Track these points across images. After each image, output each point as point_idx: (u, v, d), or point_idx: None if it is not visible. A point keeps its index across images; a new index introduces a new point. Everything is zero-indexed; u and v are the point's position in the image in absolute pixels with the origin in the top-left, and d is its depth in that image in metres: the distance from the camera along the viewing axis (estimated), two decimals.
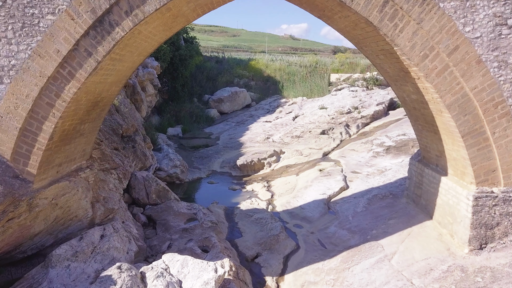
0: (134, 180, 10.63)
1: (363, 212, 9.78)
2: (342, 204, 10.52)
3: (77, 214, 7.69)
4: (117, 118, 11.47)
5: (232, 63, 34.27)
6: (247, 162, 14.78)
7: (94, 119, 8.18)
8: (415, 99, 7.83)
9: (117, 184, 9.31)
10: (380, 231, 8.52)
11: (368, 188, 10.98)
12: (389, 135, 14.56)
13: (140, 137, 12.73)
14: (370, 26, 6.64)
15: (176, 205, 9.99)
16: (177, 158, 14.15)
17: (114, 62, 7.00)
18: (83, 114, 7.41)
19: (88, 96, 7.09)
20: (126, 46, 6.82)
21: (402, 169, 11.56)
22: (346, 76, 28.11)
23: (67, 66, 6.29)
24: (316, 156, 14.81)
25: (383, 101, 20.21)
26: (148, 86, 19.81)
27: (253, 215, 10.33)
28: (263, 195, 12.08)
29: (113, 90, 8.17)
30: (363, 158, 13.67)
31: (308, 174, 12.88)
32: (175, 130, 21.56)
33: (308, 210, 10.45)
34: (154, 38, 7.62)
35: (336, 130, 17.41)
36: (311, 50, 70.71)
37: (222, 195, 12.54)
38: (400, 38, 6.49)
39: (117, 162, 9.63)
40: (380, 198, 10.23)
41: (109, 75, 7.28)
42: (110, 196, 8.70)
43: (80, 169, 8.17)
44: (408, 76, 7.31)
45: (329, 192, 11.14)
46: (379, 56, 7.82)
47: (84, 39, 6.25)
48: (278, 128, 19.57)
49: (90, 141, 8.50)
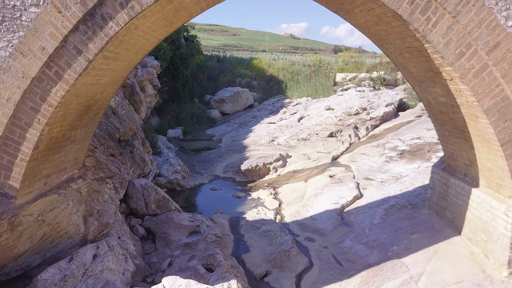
0: (132, 188, 9.85)
1: (381, 224, 9.00)
2: (356, 215, 9.74)
3: (67, 231, 6.92)
4: (114, 122, 10.68)
5: (233, 62, 33.47)
6: (251, 167, 13.99)
7: (87, 124, 7.40)
8: (444, 102, 7.04)
9: (113, 195, 8.53)
10: (402, 247, 7.75)
11: (384, 197, 10.20)
12: (403, 139, 13.77)
13: (138, 141, 11.94)
14: (397, 20, 5.86)
15: (177, 217, 9.22)
16: (178, 163, 13.37)
17: (108, 61, 6.22)
18: (74, 119, 6.63)
19: (79, 100, 6.31)
20: (122, 43, 6.04)
21: (420, 176, 10.78)
22: (351, 76, 27.30)
23: (53, 65, 5.52)
24: (324, 161, 14.03)
25: (392, 102, 19.41)
26: (148, 86, 19.04)
27: (260, 227, 9.56)
28: (270, 203, 11.29)
29: (108, 92, 7.39)
30: (376, 163, 12.89)
31: (318, 181, 12.09)
32: (175, 131, 20.79)
33: (320, 221, 9.67)
34: (153, 34, 6.84)
35: (345, 132, 16.62)
36: (311, 49, 70.08)
37: (226, 203, 11.77)
38: (433, 34, 5.70)
39: (113, 170, 8.85)
40: (398, 208, 9.45)
41: (103, 75, 6.50)
42: (105, 208, 7.93)
43: (71, 180, 7.39)
44: (437, 77, 6.53)
45: (341, 201, 10.36)
46: (403, 55, 7.03)
47: (73, 35, 5.47)
48: (283, 130, 18.77)
49: (82, 148, 7.72)
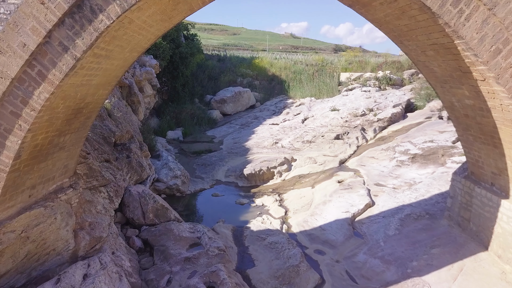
0: (129, 196, 9.19)
1: (397, 236, 8.35)
2: (369, 225, 9.09)
3: (55, 247, 6.27)
4: (109, 124, 10.02)
5: (235, 61, 32.79)
6: (255, 171, 13.33)
7: (78, 129, 6.75)
8: (471, 105, 6.38)
9: (107, 205, 7.87)
10: (422, 263, 7.09)
11: (398, 205, 9.55)
12: (414, 142, 13.11)
13: (136, 145, 11.29)
14: (424, 13, 5.20)
15: (176, 228, 8.56)
16: (178, 167, 12.71)
17: (100, 60, 5.56)
18: (62, 124, 5.98)
19: (67, 102, 5.65)
20: (114, 39, 5.38)
21: (436, 182, 10.12)
22: (356, 75, 26.61)
23: (36, 64, 4.87)
24: (332, 165, 13.36)
25: (400, 103, 18.74)
26: (146, 86, 18.38)
27: (266, 238, 8.90)
28: (275, 211, 10.64)
29: (100, 94, 6.73)
30: (386, 168, 12.23)
31: (326, 187, 11.44)
32: (175, 133, 20.14)
33: (330, 232, 9.02)
34: (150, 30, 6.18)
35: (352, 134, 15.95)
36: (312, 49, 69.51)
37: (228, 211, 11.11)
38: (466, 29, 5.04)
39: (108, 177, 8.19)
40: (414, 218, 8.80)
41: (94, 75, 5.84)
42: (98, 220, 7.27)
43: (60, 190, 6.74)
44: (466, 77, 5.87)
45: (352, 209, 9.70)
46: (426, 53, 6.37)
47: (58, 29, 4.82)
48: (287, 131, 18.11)
49: (73, 155, 7.06)
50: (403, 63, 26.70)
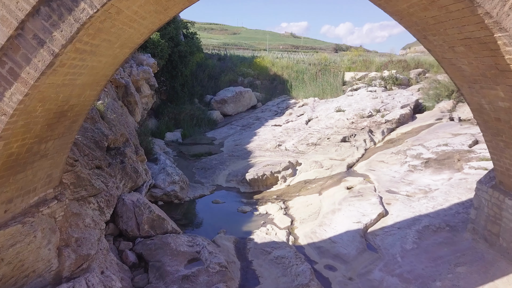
0: (122, 206, 8.47)
1: (415, 250, 7.62)
2: (383, 237, 8.37)
3: (35, 269, 5.55)
4: (102, 127, 9.30)
5: (235, 60, 32.04)
6: (258, 176, 12.60)
7: (62, 134, 6.02)
8: (505, 108, 5.66)
9: (97, 217, 7.14)
10: (447, 284, 6.37)
11: (414, 215, 8.83)
12: (427, 145, 12.38)
13: (131, 149, 10.56)
14: (460, 2, 4.47)
15: (174, 241, 7.83)
16: (176, 172, 11.98)
17: (84, 56, 4.83)
18: (42, 130, 5.26)
19: (47, 105, 4.93)
20: (100, 32, 4.65)
21: (454, 190, 9.40)
22: (361, 75, 25.87)
23: (7, 61, 4.16)
24: (339, 169, 12.64)
25: (408, 103, 18.02)
26: (144, 86, 17.64)
27: (271, 252, 8.18)
28: (280, 220, 9.91)
29: (87, 95, 6.00)
30: (397, 173, 11.51)
31: (334, 194, 10.71)
32: (174, 135, 19.42)
33: (341, 245, 8.29)
34: (143, 22, 5.44)
35: (359, 137, 15.22)
36: (312, 48, 68.85)
37: (230, 220, 10.39)
38: (510, 19, 4.31)
39: (98, 186, 7.47)
40: (433, 230, 8.08)
41: (78, 74, 5.11)
42: (86, 236, 6.54)
43: (43, 203, 6.02)
44: (503, 76, 5.14)
45: (364, 219, 8.98)
46: (455, 48, 5.64)
47: (33, 20, 4.11)
48: (290, 133, 17.38)
49: (58, 163, 6.34)
50: (409, 62, 25.99)
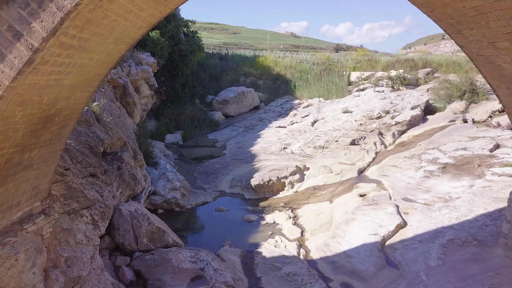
0: (119, 217, 7.78)
1: (440, 267, 6.92)
2: (404, 251, 7.67)
3: None
4: (97, 131, 8.61)
5: (237, 60, 31.32)
6: (263, 182, 11.91)
7: (50, 141, 5.33)
8: None
9: (91, 232, 6.45)
10: None
11: (436, 227, 8.13)
12: (443, 149, 11.69)
13: (129, 153, 9.86)
14: None
15: (175, 257, 7.14)
16: (177, 178, 11.29)
17: (71, 52, 4.14)
18: (25, 138, 4.57)
19: (29, 109, 4.25)
20: (90, 24, 3.95)
21: (478, 199, 8.71)
22: (367, 75, 25.17)
23: None
24: (350, 174, 11.95)
25: (418, 104, 17.33)
26: (143, 86, 16.94)
27: (282, 267, 7.49)
28: (289, 231, 9.22)
29: (78, 97, 5.30)
30: (412, 179, 10.81)
31: (346, 202, 10.02)
32: (174, 137, 18.73)
33: (357, 260, 7.60)
34: (140, 14, 4.74)
35: (369, 139, 14.53)
36: (313, 48, 68.20)
37: (235, 230, 9.70)
38: None
39: (92, 197, 6.77)
40: (459, 245, 7.38)
41: (65, 73, 4.42)
42: (77, 254, 5.85)
43: (27, 219, 5.33)
44: None
45: (381, 231, 8.28)
46: (497, 44, 4.93)
47: (7, 8, 3.46)
48: (296, 135, 16.69)
49: (45, 173, 5.65)
50: (417, 61, 25.29)
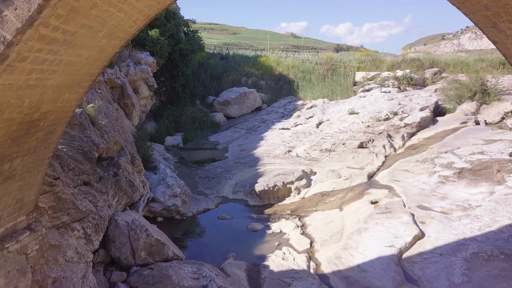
0: (114, 229, 7.19)
1: (466, 284, 6.34)
2: (423, 266, 7.08)
3: None
4: (92, 135, 8.02)
5: (238, 59, 30.74)
6: (268, 187, 11.33)
7: (35, 149, 4.75)
8: None
9: (82, 247, 5.86)
10: None
11: (457, 238, 7.54)
12: (459, 153, 11.10)
13: (126, 158, 9.28)
14: None
15: (176, 273, 6.55)
16: (177, 184, 10.70)
17: (55, 47, 3.56)
18: (4, 146, 4.02)
19: (6, 114, 3.68)
20: (76, 14, 3.37)
21: (501, 208, 8.13)
22: (372, 75, 24.58)
23: None
24: (359, 179, 11.36)
25: (427, 105, 16.75)
26: (142, 87, 16.36)
27: (291, 283, 6.90)
28: (297, 242, 8.63)
29: (66, 98, 4.72)
30: (426, 185, 10.23)
31: (357, 209, 9.43)
32: (174, 139, 18.15)
33: (373, 274, 7.01)
34: (136, 4, 4.16)
35: (377, 142, 13.95)
36: (313, 48, 67.75)
37: (239, 240, 9.12)
38: None
39: (84, 208, 6.18)
40: (484, 259, 6.79)
41: (50, 72, 3.84)
42: (67, 274, 5.26)
43: (10, 236, 4.75)
44: None
45: (398, 243, 7.70)
46: None
47: None
48: (300, 137, 16.10)
49: (31, 184, 5.07)
50: (423, 61, 24.71)
